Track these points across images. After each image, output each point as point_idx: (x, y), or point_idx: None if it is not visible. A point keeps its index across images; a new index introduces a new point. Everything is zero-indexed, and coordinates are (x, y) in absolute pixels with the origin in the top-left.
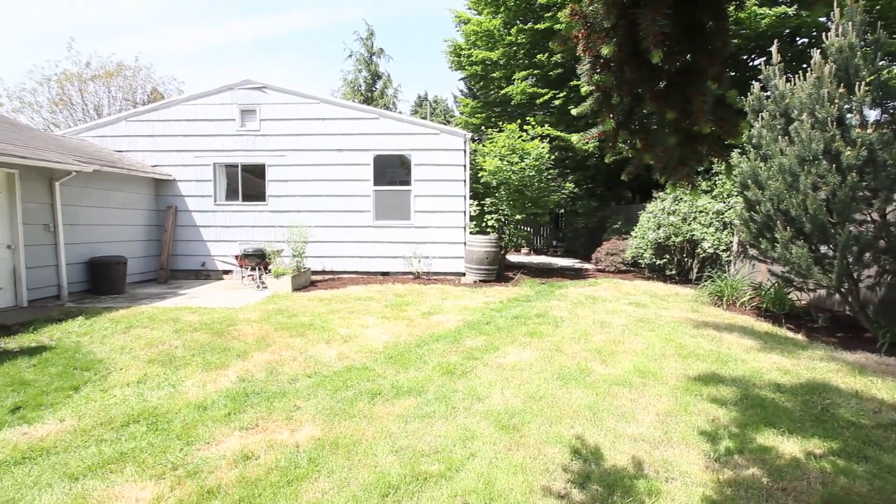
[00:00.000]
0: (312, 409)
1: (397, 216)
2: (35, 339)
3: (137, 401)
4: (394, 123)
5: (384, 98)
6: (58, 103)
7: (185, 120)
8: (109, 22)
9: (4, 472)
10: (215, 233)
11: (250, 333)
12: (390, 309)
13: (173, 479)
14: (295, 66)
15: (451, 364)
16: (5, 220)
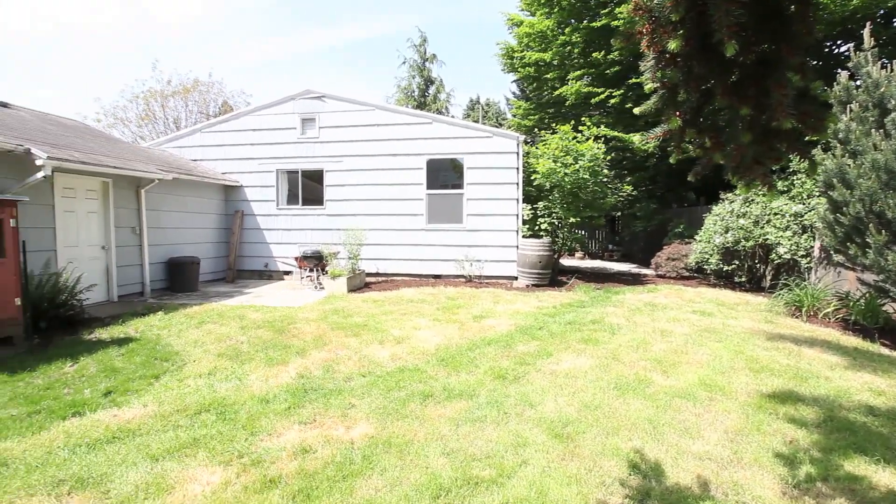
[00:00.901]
0: (366, 408)
1: (449, 219)
2: (123, 330)
3: (208, 391)
4: (446, 128)
5: (437, 103)
6: (144, 118)
7: (250, 130)
8: (188, 41)
9: (98, 450)
10: (277, 235)
11: (308, 332)
12: (442, 312)
13: (239, 467)
14: (352, 76)
15: (503, 369)
16: (100, 223)
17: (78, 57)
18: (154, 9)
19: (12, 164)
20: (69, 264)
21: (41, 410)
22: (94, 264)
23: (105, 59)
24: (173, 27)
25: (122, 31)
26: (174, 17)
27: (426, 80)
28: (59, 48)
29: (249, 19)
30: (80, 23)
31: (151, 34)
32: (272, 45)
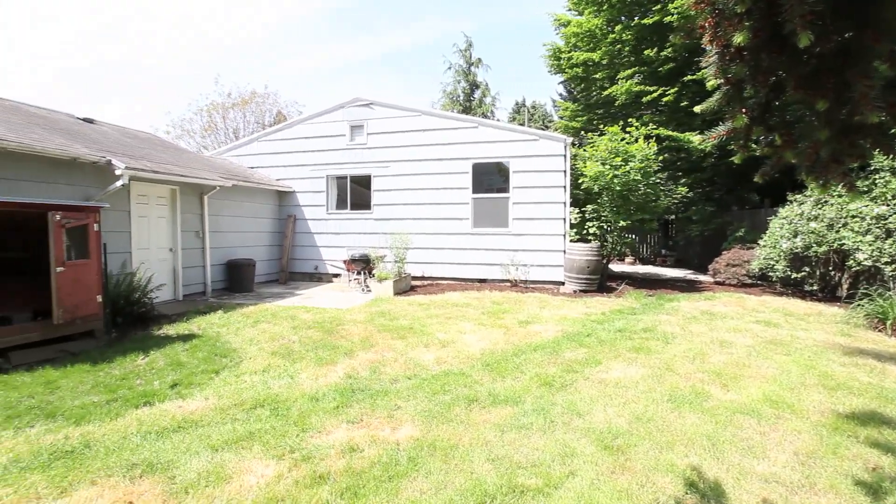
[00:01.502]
0: (412, 410)
1: (495, 223)
2: (187, 327)
3: (263, 388)
4: (492, 131)
5: (482, 107)
6: (207, 129)
7: (302, 138)
8: (246, 56)
9: (166, 438)
10: (327, 239)
11: (356, 333)
12: (487, 316)
13: (291, 461)
14: (399, 83)
15: (550, 376)
16: (169, 227)
17: (157, 74)
18: (217, 30)
19: (96, 174)
20: (142, 265)
21: (118, 399)
22: (163, 265)
23: (177, 75)
24: (234, 44)
25: (192, 51)
26: (235, 36)
27: (471, 85)
28: (147, 68)
29: (302, 32)
30: (163, 42)
31: (216, 51)
32: (323, 56)
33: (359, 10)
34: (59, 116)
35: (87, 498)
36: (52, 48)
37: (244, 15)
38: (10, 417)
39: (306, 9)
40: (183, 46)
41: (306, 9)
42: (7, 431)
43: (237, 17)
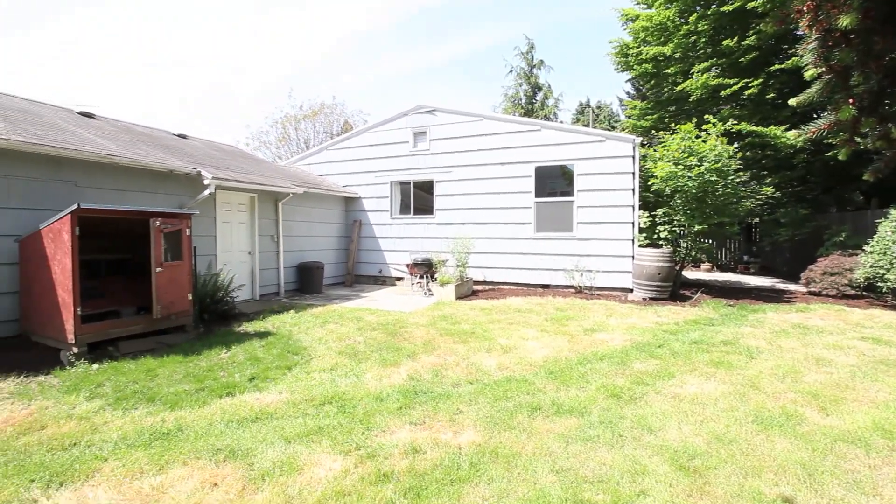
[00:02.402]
0: (473, 415)
1: (559, 228)
2: (263, 325)
3: (330, 385)
4: (555, 133)
5: (544, 109)
6: (281, 140)
7: (367, 145)
8: (316, 70)
9: (245, 427)
10: (390, 243)
11: (418, 336)
12: (550, 323)
13: (356, 458)
14: (460, 89)
15: (618, 387)
16: (248, 232)
17: (240, 91)
18: (290, 47)
19: (188, 184)
20: (225, 267)
21: (205, 388)
22: (243, 267)
23: (257, 91)
24: (306, 59)
25: (269, 68)
26: (307, 52)
27: (533, 87)
28: (232, 86)
29: (367, 45)
30: (246, 62)
31: (290, 67)
32: (387, 66)
33: (421, 20)
34: (159, 133)
35: (180, 476)
36: (165, 77)
37: (315, 32)
38: (119, 399)
39: (371, 24)
40: (262, 64)
41: (371, 24)
42: (117, 412)
43: (309, 35)
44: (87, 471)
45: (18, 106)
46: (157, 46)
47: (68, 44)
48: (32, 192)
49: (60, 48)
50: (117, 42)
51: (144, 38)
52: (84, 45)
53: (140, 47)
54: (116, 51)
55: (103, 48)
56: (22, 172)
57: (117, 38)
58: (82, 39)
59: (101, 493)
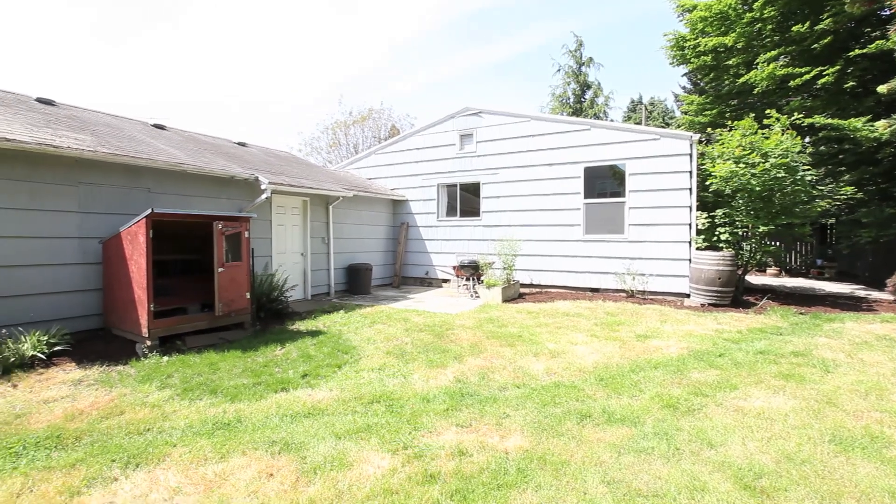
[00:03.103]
0: (520, 420)
1: (609, 230)
2: (314, 324)
3: (379, 384)
4: (605, 132)
5: (594, 108)
6: (331, 145)
7: (414, 149)
8: (366, 76)
9: (298, 422)
10: (437, 245)
11: (465, 339)
12: (600, 328)
13: (404, 457)
14: (507, 90)
15: (674, 397)
16: (301, 234)
17: (293, 100)
18: (340, 57)
19: (246, 189)
20: (279, 268)
21: (261, 383)
22: (295, 268)
23: (309, 99)
24: (355, 67)
25: (322, 76)
26: (356, 60)
27: (582, 86)
28: (286, 95)
29: (414, 50)
30: (298, 73)
31: (340, 75)
32: (433, 70)
33: (467, 23)
34: (221, 142)
35: (240, 465)
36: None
37: (366, 40)
38: (186, 390)
39: (419, 29)
40: (314, 73)
41: (419, 29)
42: (184, 401)
43: (360, 43)
44: (159, 455)
45: (103, 121)
46: (226, 61)
47: (147, 59)
48: (114, 198)
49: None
50: (192, 59)
51: (215, 54)
52: (163, 59)
53: (210, 62)
54: (190, 66)
55: (178, 63)
56: (105, 181)
57: (191, 52)
58: (160, 53)
59: (171, 477)
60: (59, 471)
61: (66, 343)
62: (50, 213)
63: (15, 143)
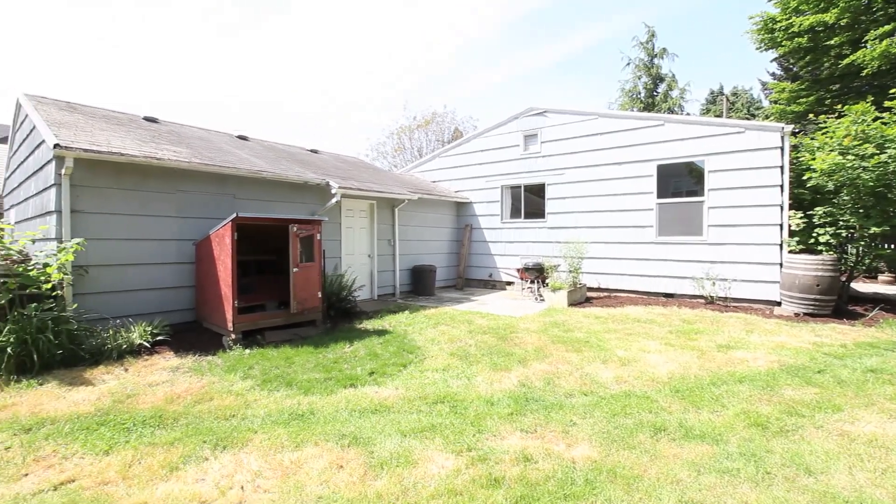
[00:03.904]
0: (588, 429)
1: (685, 231)
2: (381, 324)
3: (443, 385)
4: (681, 128)
5: (668, 101)
6: (397, 149)
7: (478, 151)
8: (430, 80)
9: (365, 417)
10: (500, 247)
11: (529, 342)
12: (676, 336)
13: (468, 459)
14: (572, 88)
15: (763, 415)
16: (368, 236)
17: (362, 108)
18: (406, 63)
19: (318, 193)
20: (348, 268)
21: (331, 378)
22: (363, 269)
23: (376, 106)
24: (420, 72)
25: (386, 83)
26: (421, 65)
27: (654, 79)
28: (356, 106)
29: (477, 52)
30: (365, 84)
31: (405, 80)
32: (496, 71)
33: (529, 22)
34: (295, 150)
35: (312, 455)
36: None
37: (429, 45)
38: (265, 381)
39: (480, 31)
40: (381, 80)
41: (480, 31)
42: (263, 392)
43: (424, 47)
44: (242, 440)
45: (196, 134)
46: (304, 74)
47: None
48: (204, 204)
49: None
50: (270, 71)
51: (287, 69)
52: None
53: (283, 76)
54: (269, 79)
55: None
56: (198, 188)
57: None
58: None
59: (252, 461)
60: (160, 447)
61: (165, 334)
62: (154, 217)
63: (128, 157)
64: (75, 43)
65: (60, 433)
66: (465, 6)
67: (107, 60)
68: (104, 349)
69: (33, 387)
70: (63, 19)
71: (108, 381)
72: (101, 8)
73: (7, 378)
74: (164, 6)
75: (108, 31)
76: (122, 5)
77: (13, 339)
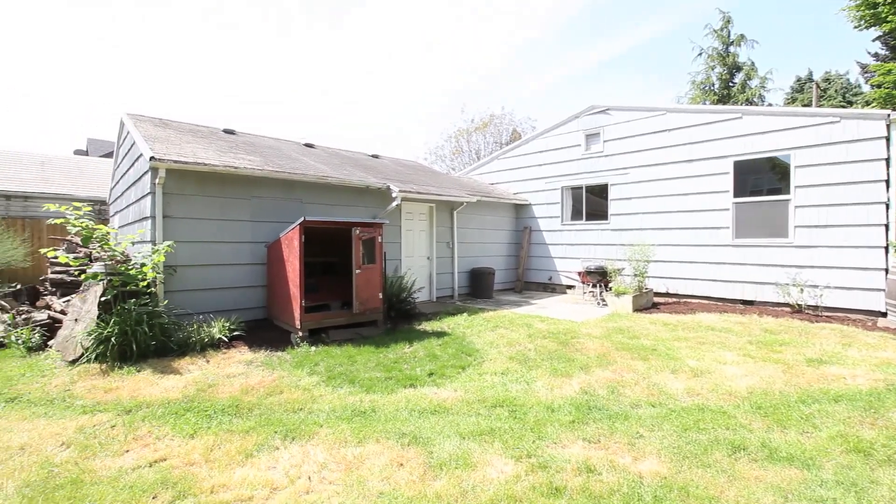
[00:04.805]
0: (657, 443)
1: (767, 233)
2: (439, 325)
3: (501, 389)
4: (762, 120)
5: (746, 92)
6: (454, 153)
7: (537, 152)
8: (488, 83)
9: (424, 418)
10: (561, 250)
11: (591, 348)
12: (756, 347)
13: (527, 465)
14: (636, 84)
15: (864, 440)
16: (427, 238)
17: (419, 112)
18: (463, 67)
19: (379, 197)
20: (408, 271)
21: (391, 378)
22: (422, 271)
23: (436, 108)
24: (476, 74)
25: (445, 87)
26: (477, 67)
27: (730, 68)
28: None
29: (534, 52)
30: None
31: (463, 84)
32: (555, 70)
33: (589, 17)
34: (358, 156)
35: (374, 452)
36: None
37: (487, 46)
38: (330, 378)
39: (537, 30)
40: (438, 84)
41: (537, 30)
42: (328, 388)
43: (483, 49)
44: (309, 432)
45: (267, 143)
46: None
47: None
48: (275, 209)
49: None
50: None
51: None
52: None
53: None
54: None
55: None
56: (269, 194)
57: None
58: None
59: (318, 453)
60: (237, 434)
61: (240, 330)
62: (231, 221)
63: (210, 167)
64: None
65: (154, 416)
66: (523, 5)
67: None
68: (189, 342)
69: (132, 373)
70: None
71: (192, 371)
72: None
73: (112, 364)
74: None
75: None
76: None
77: (117, 330)
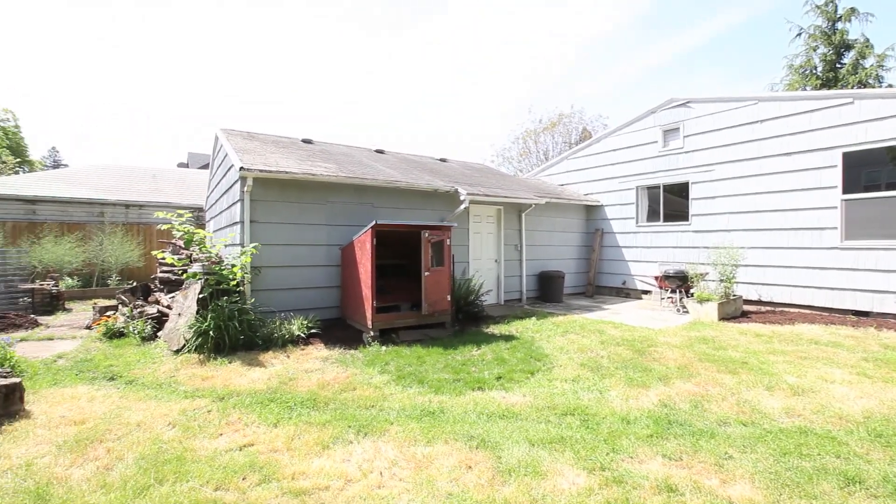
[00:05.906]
0: (749, 466)
1: (886, 234)
2: (507, 329)
3: (572, 396)
4: (880, 104)
5: (858, 73)
6: (522, 154)
7: (609, 151)
8: (556, 82)
9: (493, 422)
10: (635, 253)
11: (671, 358)
12: (874, 364)
13: (601, 479)
14: (717, 76)
15: None
16: (495, 241)
17: (487, 113)
18: (532, 65)
19: (447, 200)
20: (475, 273)
21: (460, 380)
22: (490, 274)
23: (503, 109)
24: (545, 73)
25: (513, 87)
26: (545, 66)
27: (837, 48)
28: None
29: (606, 48)
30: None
31: (531, 83)
32: (628, 65)
33: (660, 11)
34: (426, 160)
35: (442, 452)
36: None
37: (557, 44)
38: (400, 377)
39: (610, 24)
40: (505, 86)
41: (610, 24)
42: (398, 387)
43: (552, 47)
44: (380, 429)
45: (341, 151)
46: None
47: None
48: (348, 213)
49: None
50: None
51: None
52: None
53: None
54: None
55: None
56: (342, 198)
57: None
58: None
59: (389, 450)
60: (314, 426)
61: (317, 328)
62: (309, 225)
63: (290, 174)
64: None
65: (243, 404)
66: (593, 2)
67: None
68: (272, 337)
69: (224, 364)
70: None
71: (275, 365)
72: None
73: (208, 355)
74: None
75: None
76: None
77: (213, 324)
